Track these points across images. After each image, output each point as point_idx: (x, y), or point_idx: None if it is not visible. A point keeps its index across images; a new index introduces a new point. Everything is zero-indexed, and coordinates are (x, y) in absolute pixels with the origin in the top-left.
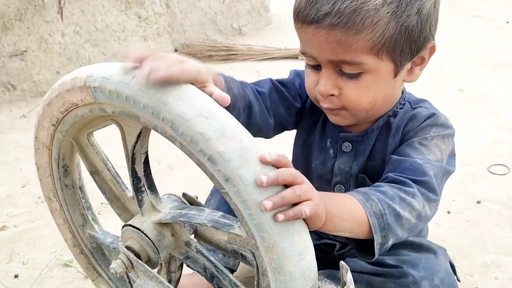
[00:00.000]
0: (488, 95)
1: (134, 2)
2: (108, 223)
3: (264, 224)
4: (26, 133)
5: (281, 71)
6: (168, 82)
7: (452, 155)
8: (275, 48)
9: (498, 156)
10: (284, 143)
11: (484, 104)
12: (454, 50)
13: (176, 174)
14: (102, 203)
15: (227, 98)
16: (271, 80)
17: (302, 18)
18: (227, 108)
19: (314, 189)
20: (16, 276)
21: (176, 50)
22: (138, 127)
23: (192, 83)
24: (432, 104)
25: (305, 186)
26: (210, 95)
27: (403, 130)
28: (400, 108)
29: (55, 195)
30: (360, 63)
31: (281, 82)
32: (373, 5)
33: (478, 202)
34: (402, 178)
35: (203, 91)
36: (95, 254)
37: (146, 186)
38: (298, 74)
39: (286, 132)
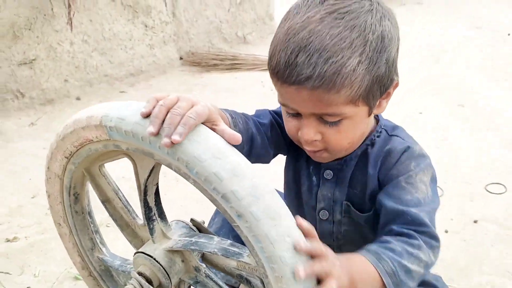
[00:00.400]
0: (488, 110)
1: (141, 11)
2: (118, 236)
3: (274, 257)
4: (34, 141)
5: None
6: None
7: (433, 180)
8: None
9: (496, 174)
10: (278, 165)
11: (483, 119)
12: (454, 63)
13: (182, 187)
14: None
15: (238, 137)
16: (269, 111)
17: (282, 79)
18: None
19: (339, 266)
20: None
21: (181, 58)
22: (151, 163)
23: (204, 122)
24: (405, 130)
25: (335, 268)
26: (222, 134)
27: (382, 164)
28: (378, 136)
29: (65, 221)
30: (340, 114)
31: (276, 112)
32: (351, 66)
33: (475, 221)
34: (406, 231)
35: (214, 129)
36: (103, 276)
37: (157, 215)
38: None
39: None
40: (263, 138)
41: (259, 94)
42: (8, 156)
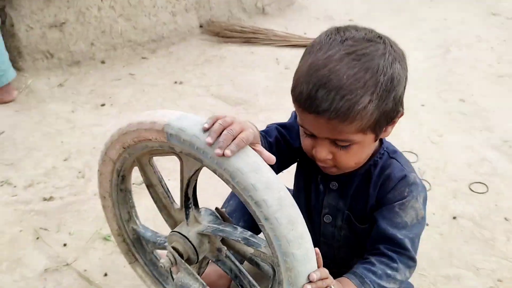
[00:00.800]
0: (486, 108)
1: None
2: (140, 204)
3: (288, 253)
4: (65, 104)
5: (297, 59)
6: None
7: (424, 202)
8: (297, 36)
9: (481, 174)
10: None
11: (480, 118)
12: (463, 55)
13: None
14: (133, 183)
15: (273, 158)
16: (276, 127)
17: (303, 107)
18: None
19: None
20: (65, 245)
21: (201, 26)
22: (197, 165)
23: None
24: (403, 155)
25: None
26: (260, 154)
27: (381, 186)
28: (380, 158)
29: (110, 195)
30: (350, 140)
31: (283, 125)
32: (363, 104)
33: (454, 217)
34: (389, 253)
35: (254, 149)
36: (135, 243)
37: (192, 204)
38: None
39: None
40: None
41: (273, 72)
42: (42, 117)
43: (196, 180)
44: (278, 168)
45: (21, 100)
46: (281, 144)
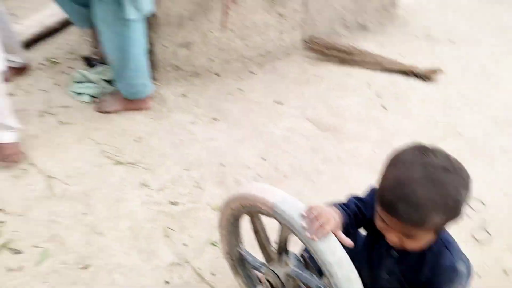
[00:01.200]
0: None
1: (278, 3)
2: None
3: None
4: (187, 115)
5: (388, 85)
6: None
7: (468, 283)
8: (392, 61)
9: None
10: None
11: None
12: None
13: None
14: None
15: (351, 243)
16: (354, 202)
17: (385, 210)
18: None
19: None
20: (185, 245)
21: (305, 41)
22: (291, 232)
23: None
24: (456, 245)
25: None
26: (339, 238)
27: (433, 269)
28: (435, 244)
29: (225, 228)
30: (416, 235)
31: (360, 200)
32: (433, 221)
33: (505, 272)
34: None
35: (335, 233)
36: (238, 262)
37: (285, 253)
38: (374, 192)
39: None
40: (347, 223)
41: (364, 98)
42: (170, 127)
43: (289, 238)
44: (355, 231)
45: (155, 108)
46: (358, 216)
